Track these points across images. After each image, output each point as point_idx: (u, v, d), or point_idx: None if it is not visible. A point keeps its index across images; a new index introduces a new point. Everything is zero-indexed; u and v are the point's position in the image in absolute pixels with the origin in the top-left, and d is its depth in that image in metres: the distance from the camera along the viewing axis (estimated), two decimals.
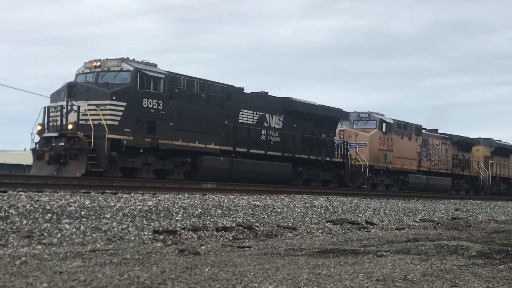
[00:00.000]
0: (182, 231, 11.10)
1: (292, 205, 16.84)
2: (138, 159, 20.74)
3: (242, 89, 25.56)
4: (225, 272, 6.69)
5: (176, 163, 21.76)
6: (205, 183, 21.05)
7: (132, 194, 14.66)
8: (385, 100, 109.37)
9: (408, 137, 35.19)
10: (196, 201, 14.67)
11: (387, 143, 32.81)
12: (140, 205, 12.68)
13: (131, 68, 20.94)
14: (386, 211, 19.21)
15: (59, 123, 20.08)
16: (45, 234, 9.44)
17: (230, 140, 23.83)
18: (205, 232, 11.36)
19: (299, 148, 27.09)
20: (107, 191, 14.56)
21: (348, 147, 30.19)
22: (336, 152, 29.75)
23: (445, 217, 20.56)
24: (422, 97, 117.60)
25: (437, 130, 40.55)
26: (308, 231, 13.23)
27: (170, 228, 11.21)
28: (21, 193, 12.30)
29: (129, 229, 10.65)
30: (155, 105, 21.03)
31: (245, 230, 12.10)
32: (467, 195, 36.84)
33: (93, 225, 10.39)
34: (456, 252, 9.53)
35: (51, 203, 11.47)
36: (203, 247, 9.50)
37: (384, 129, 32.59)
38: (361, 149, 30.96)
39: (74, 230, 9.91)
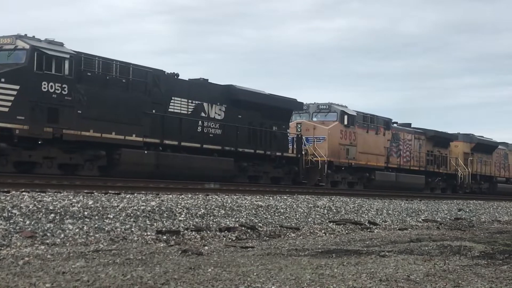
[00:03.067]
0: (185, 231, 11.10)
1: (295, 205, 16.85)
2: (36, 152, 17.98)
3: (176, 74, 22.99)
4: (228, 272, 6.69)
5: (87, 157, 19.00)
6: (208, 183, 20.99)
7: (135, 194, 14.71)
8: (392, 100, 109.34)
9: (375, 131, 32.27)
10: (199, 202, 14.69)
11: (350, 137, 30.01)
12: (143, 206, 12.70)
13: (27, 46, 18.05)
14: (389, 212, 19.21)
15: None
16: (48, 234, 9.45)
17: (157, 132, 21.08)
18: (208, 232, 11.36)
19: (244, 141, 24.32)
20: (110, 192, 14.60)
21: (305, 141, 27.52)
22: (291, 147, 27.13)
23: (448, 217, 20.55)
24: (429, 97, 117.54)
25: (410, 124, 37.70)
26: (311, 231, 13.23)
27: (173, 228, 11.21)
28: (24, 193, 12.34)
29: (132, 229, 10.66)
30: (58, 89, 18.07)
31: (248, 231, 12.10)
32: (471, 195, 35.82)
33: (96, 226, 10.41)
34: (459, 253, 9.52)
35: (54, 203, 11.50)
36: (206, 248, 9.50)
37: (346, 122, 29.79)
38: (320, 143, 28.23)
39: (77, 230, 9.92)
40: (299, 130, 28.08)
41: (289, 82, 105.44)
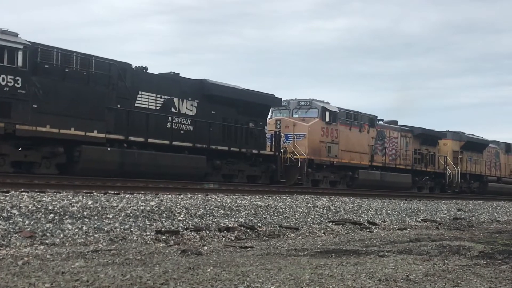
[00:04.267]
0: (185, 231, 11.11)
1: (294, 206, 16.85)
2: None
3: (145, 68, 21.50)
4: (228, 272, 6.69)
5: (44, 154, 17.50)
6: (208, 183, 20.99)
7: (135, 194, 14.72)
8: (393, 100, 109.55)
9: (359, 129, 30.71)
10: (198, 202, 14.69)
11: (332, 135, 28.59)
12: (142, 206, 12.70)
13: None
14: (388, 211, 19.21)
15: None
16: (48, 234, 9.45)
17: (122, 128, 19.47)
18: (208, 232, 11.36)
19: (217, 138, 22.84)
20: (109, 192, 14.61)
21: (284, 138, 26.23)
22: (270, 144, 25.58)
23: (447, 217, 20.55)
24: (430, 97, 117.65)
25: (396, 121, 36.18)
26: (311, 231, 13.23)
27: (173, 228, 11.22)
28: (23, 193, 12.34)
29: (132, 229, 10.66)
30: (10, 82, 16.64)
31: (248, 231, 12.10)
32: (470, 195, 35.55)
33: (95, 226, 10.40)
34: (458, 252, 9.52)
35: (53, 203, 11.50)
36: (206, 248, 9.50)
37: (327, 119, 28.38)
38: (299, 141, 26.94)
39: (76, 230, 9.92)
40: (278, 127, 26.99)
41: (290, 82, 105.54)
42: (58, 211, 10.90)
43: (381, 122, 33.41)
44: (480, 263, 8.30)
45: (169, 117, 21.23)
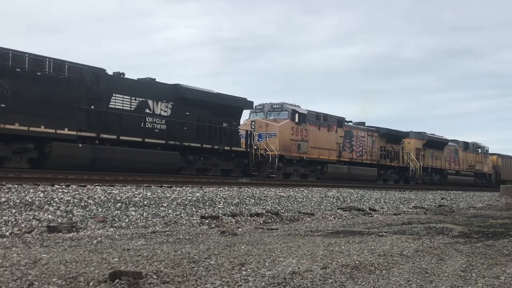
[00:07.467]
0: (223, 216, 11.13)
1: (310, 196, 16.80)
2: None
3: (122, 74, 19.34)
4: (257, 249, 6.68)
5: (15, 149, 15.74)
6: (241, 178, 20.94)
7: (184, 187, 14.76)
8: (392, 111, 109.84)
9: (327, 128, 28.79)
10: (234, 193, 14.72)
11: (301, 134, 26.76)
12: (190, 196, 12.75)
13: None
14: (386, 200, 19.08)
15: None
16: (116, 219, 9.53)
17: (94, 126, 17.59)
18: (241, 217, 11.38)
19: (191, 136, 20.84)
20: (164, 185, 14.66)
21: (254, 136, 24.28)
22: (246, 142, 23.63)
23: (433, 204, 20.35)
24: (422, 109, 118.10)
25: (364, 123, 33.89)
26: (323, 216, 13.19)
27: (214, 214, 11.25)
28: (97, 187, 12.46)
29: (182, 215, 10.71)
30: None
31: (273, 216, 12.10)
32: (451, 187, 35.03)
33: (153, 212, 10.47)
34: (442, 233, 9.43)
35: (120, 194, 11.59)
36: (240, 229, 9.51)
37: (297, 120, 26.56)
38: (271, 139, 25.22)
39: (138, 216, 9.99)
40: (253, 127, 25.39)
41: (310, 97, 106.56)
42: (124, 201, 10.99)
43: (350, 123, 31.83)
44: (459, 241, 8.21)
45: (144, 117, 19.33)
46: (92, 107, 17.66)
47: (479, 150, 45.72)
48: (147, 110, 19.50)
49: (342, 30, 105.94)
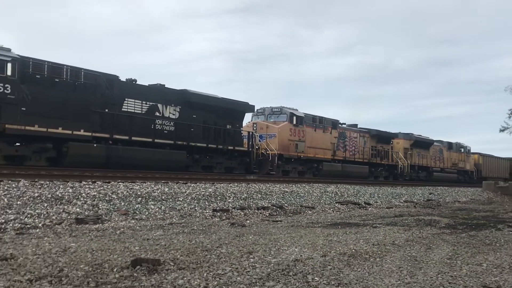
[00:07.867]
0: (233, 209, 11.14)
1: (311, 191, 16.78)
2: None
3: (134, 80, 19.18)
4: (264, 239, 6.69)
5: (34, 149, 15.63)
6: (249, 176, 20.91)
7: (197, 183, 14.77)
8: (385, 115, 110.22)
9: (323, 130, 28.32)
10: (242, 188, 14.72)
11: (299, 134, 26.35)
12: (203, 191, 12.76)
13: None
14: (379, 195, 19.02)
15: None
16: (137, 212, 9.55)
17: (108, 128, 17.43)
18: (249, 210, 11.38)
19: (197, 137, 20.56)
20: (180, 182, 14.67)
21: (256, 137, 23.92)
22: (248, 142, 23.27)
23: (422, 199, 20.28)
24: (411, 113, 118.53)
25: (356, 125, 33.31)
26: (323, 209, 13.17)
27: (225, 207, 11.26)
28: (120, 183, 12.49)
29: (196, 208, 10.72)
30: (0, 88, 14.94)
31: (278, 209, 12.09)
32: (438, 183, 34.86)
33: (170, 206, 10.49)
34: (430, 224, 9.39)
35: (141, 190, 11.62)
36: (248, 221, 9.52)
37: (295, 122, 26.11)
38: (271, 139, 24.82)
39: (157, 209, 10.01)
40: (255, 128, 24.96)
41: (311, 102, 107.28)
42: (144, 195, 11.01)
43: (344, 125, 31.43)
44: (446, 232, 8.18)
45: (154, 120, 19.21)
46: (106, 110, 17.58)
47: (462, 150, 45.64)
48: (157, 113, 19.43)
49: (341, 43, 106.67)
